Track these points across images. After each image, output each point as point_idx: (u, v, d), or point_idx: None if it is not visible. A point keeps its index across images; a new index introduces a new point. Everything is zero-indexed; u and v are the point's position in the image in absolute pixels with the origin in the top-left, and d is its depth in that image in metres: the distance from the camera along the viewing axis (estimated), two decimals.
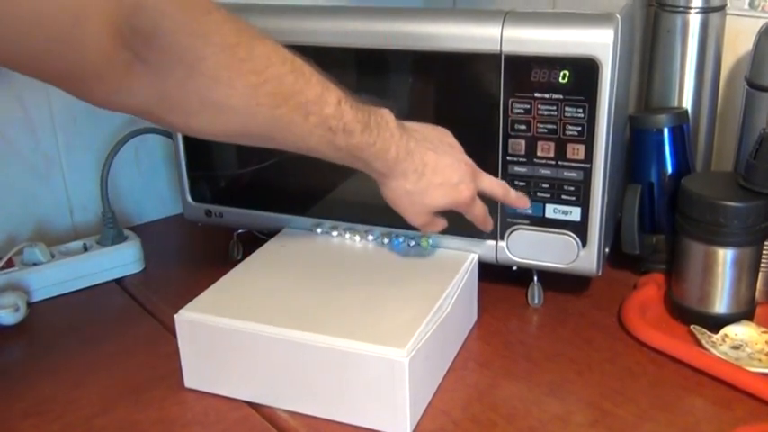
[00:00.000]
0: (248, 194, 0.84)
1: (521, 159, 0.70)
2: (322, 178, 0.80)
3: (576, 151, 0.68)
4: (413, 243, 0.77)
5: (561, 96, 0.67)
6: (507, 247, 0.75)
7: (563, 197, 0.71)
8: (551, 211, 0.71)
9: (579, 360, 0.70)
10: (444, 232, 0.72)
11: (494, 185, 0.66)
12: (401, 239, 0.78)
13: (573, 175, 0.69)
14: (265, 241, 0.80)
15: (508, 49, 0.66)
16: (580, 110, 0.66)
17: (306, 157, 0.59)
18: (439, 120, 0.71)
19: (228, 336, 0.64)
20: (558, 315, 0.78)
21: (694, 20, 0.78)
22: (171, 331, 0.71)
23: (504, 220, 0.74)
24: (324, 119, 0.54)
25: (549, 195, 0.71)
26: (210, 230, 0.91)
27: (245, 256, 0.78)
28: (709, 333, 0.70)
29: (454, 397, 0.65)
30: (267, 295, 0.68)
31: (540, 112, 0.68)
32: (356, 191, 0.79)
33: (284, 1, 0.76)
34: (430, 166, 0.61)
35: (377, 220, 0.79)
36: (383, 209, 0.65)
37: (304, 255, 0.77)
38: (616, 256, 0.80)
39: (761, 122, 0.72)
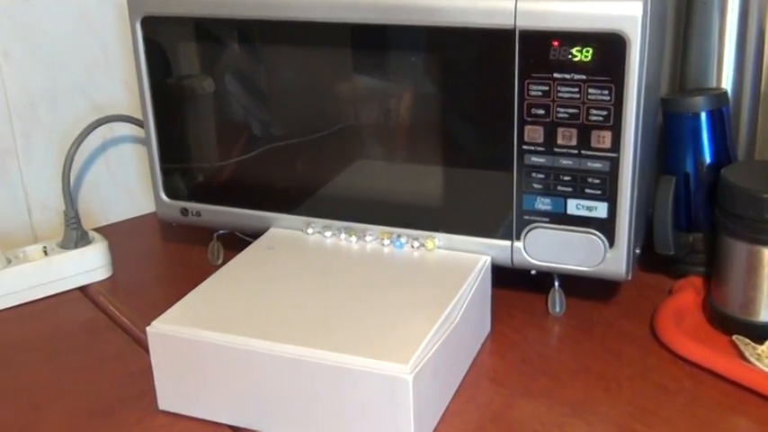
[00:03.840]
0: (230, 190, 0.85)
1: (539, 148, 0.71)
2: (314, 171, 0.81)
3: (601, 139, 0.69)
4: (417, 244, 0.78)
5: (584, 77, 0.67)
6: (524, 249, 0.75)
7: (587, 191, 0.71)
8: (574, 206, 0.72)
9: (607, 376, 0.71)
10: (454, 231, 0.74)
11: None
12: (404, 240, 0.79)
13: (598, 165, 0.70)
14: (249, 243, 0.81)
15: (523, 23, 0.67)
16: (606, 92, 0.67)
17: (295, 148, 0.59)
18: (445, 105, 0.72)
19: (208, 351, 0.64)
20: (583, 325, 0.78)
21: None
22: (143, 346, 0.72)
23: (520, 217, 0.74)
24: None
25: (571, 189, 0.72)
26: (187, 231, 0.92)
27: (226, 260, 0.79)
28: (753, 344, 0.70)
29: (465, 419, 0.65)
30: (252, 305, 0.69)
31: (561, 95, 0.69)
32: (353, 185, 0.80)
33: None
34: None
35: (376, 219, 0.80)
36: (383, 205, 0.65)
37: (294, 258, 0.78)
38: (648, 257, 0.80)
39: None
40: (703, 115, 0.77)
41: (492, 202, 0.75)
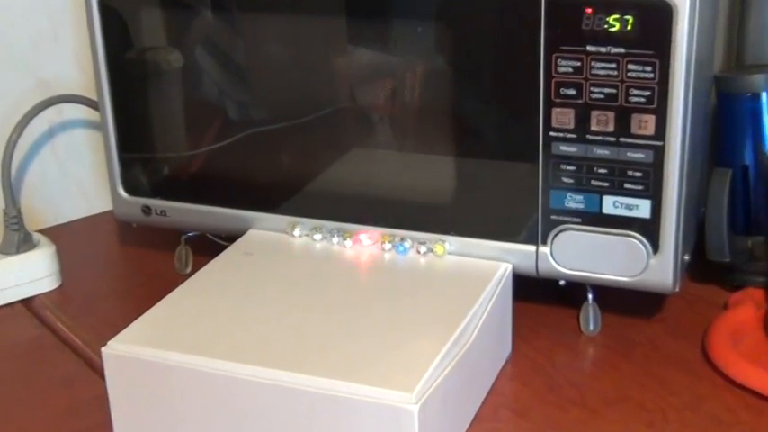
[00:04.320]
0: (201, 184, 0.86)
1: (569, 135, 0.72)
2: (302, 162, 0.81)
3: (643, 124, 0.69)
4: (424, 249, 0.79)
5: (623, 50, 0.67)
6: (552, 255, 0.76)
7: (626, 186, 0.72)
8: (611, 204, 0.73)
9: (650, 406, 0.71)
10: (468, 234, 0.74)
11: None
12: (408, 244, 0.79)
13: (639, 155, 0.70)
14: (224, 248, 0.81)
15: None
16: (649, 68, 0.67)
17: (279, 134, 0.60)
18: (458, 84, 0.73)
19: (175, 376, 0.64)
20: (622, 346, 0.79)
21: None
22: (96, 370, 0.72)
23: (546, 217, 0.75)
24: None
25: (607, 184, 0.72)
26: (150, 234, 0.92)
27: (196, 268, 0.79)
28: None
29: None
30: (228, 321, 0.69)
31: (595, 72, 0.69)
32: (348, 178, 0.80)
33: None
34: None
35: (375, 219, 0.80)
36: (384, 203, 0.66)
37: (277, 266, 0.78)
38: (699, 265, 0.81)
39: None
40: (764, 96, 0.78)
41: (513, 200, 0.76)
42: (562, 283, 0.78)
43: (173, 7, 0.81)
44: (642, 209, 0.71)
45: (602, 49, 0.68)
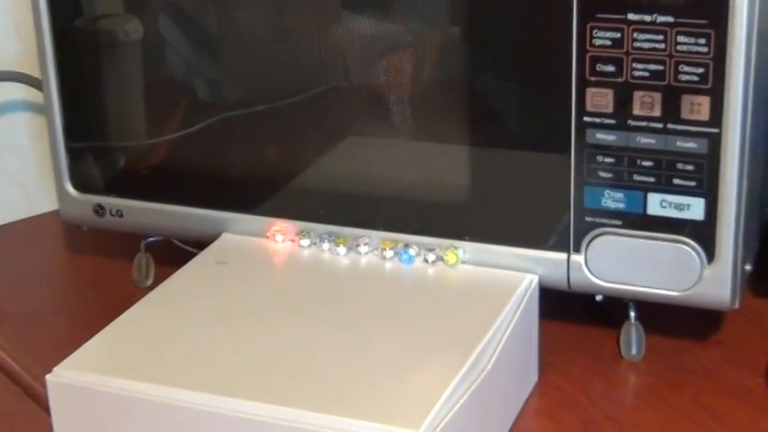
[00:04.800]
0: (164, 179, 0.86)
1: (607, 121, 0.72)
2: (285, 151, 0.82)
3: (696, 107, 0.69)
4: (433, 257, 0.79)
5: (671, 19, 0.67)
6: (586, 264, 0.76)
7: (676, 182, 0.72)
8: (657, 203, 0.73)
9: None
10: (486, 239, 0.75)
11: None
12: (413, 251, 0.80)
13: (691, 145, 0.70)
14: (192, 256, 0.82)
15: None
16: (702, 40, 0.67)
17: (258, 118, 0.60)
18: (474, 59, 0.73)
19: (130, 407, 0.64)
20: (671, 374, 0.79)
21: None
22: (39, 401, 0.72)
23: (580, 219, 0.75)
24: None
25: (653, 179, 0.72)
26: (104, 239, 0.94)
27: (158, 281, 0.80)
28: None
29: None
30: (195, 345, 0.69)
31: (638, 45, 0.69)
32: (341, 172, 0.81)
33: None
34: None
35: (375, 221, 0.81)
36: (385, 201, 0.69)
37: (256, 278, 0.78)
38: (763, 276, 0.82)
39: None
40: None
41: (540, 198, 0.76)
42: (599, 298, 0.78)
43: None
44: (694, 209, 0.72)
45: (647, 18, 0.68)
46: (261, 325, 0.72)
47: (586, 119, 0.73)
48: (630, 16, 0.69)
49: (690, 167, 0.71)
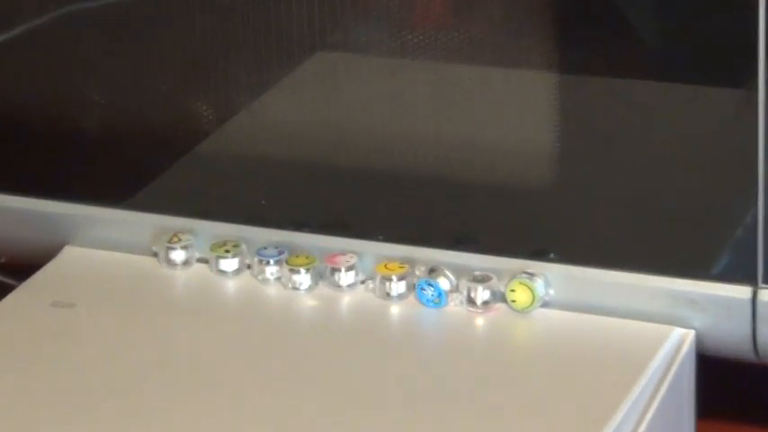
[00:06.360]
0: None
1: None
2: (197, 81, 0.68)
3: None
4: (485, 295, 0.63)
5: None
6: None
7: None
8: None
9: None
10: (591, 261, 0.61)
11: None
12: (446, 284, 0.64)
13: None
14: (11, 288, 0.70)
15: None
16: None
17: (142, 14, 0.58)
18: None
19: None
20: None
21: None
22: None
23: None
24: None
25: None
26: None
27: None
28: None
29: None
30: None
31: None
32: (296, 122, 0.67)
33: None
34: None
35: (367, 222, 0.67)
36: (388, 184, 0.63)
37: (129, 341, 0.64)
38: None
39: None
40: None
41: (696, 184, 0.62)
42: None
43: None
44: None
45: None
46: (127, 415, 0.57)
47: None
48: None
49: None
